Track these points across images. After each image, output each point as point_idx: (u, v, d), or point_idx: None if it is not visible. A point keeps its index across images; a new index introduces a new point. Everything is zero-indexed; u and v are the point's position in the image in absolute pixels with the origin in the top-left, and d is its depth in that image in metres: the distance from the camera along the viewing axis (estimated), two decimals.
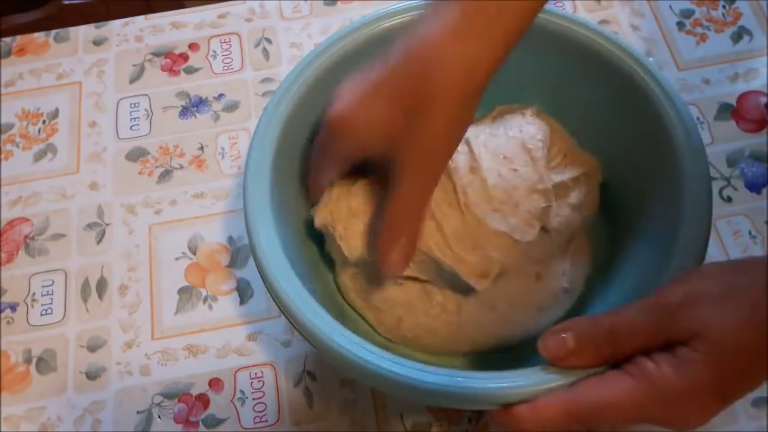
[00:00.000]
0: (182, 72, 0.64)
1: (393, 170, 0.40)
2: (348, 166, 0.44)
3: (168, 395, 0.50)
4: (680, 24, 0.64)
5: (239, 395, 0.50)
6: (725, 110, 0.60)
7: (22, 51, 0.65)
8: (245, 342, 0.52)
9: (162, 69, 0.64)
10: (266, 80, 0.63)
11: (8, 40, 0.66)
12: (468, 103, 0.39)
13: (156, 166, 0.59)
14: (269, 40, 0.65)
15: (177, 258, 0.55)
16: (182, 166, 0.59)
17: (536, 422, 0.35)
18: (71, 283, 0.54)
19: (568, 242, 0.48)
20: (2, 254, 0.56)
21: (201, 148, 0.60)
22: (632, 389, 0.33)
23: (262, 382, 0.50)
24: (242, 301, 0.53)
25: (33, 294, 0.54)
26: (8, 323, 0.53)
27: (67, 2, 0.88)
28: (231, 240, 0.56)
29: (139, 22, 0.66)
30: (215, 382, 0.50)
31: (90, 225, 0.57)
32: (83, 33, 0.66)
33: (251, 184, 0.44)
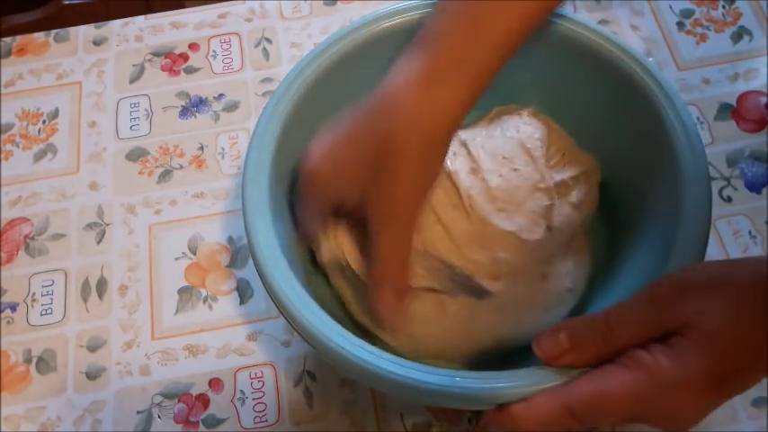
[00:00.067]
0: (182, 72, 0.64)
1: (369, 222, 0.41)
2: (330, 213, 0.44)
3: (168, 395, 0.50)
4: (680, 24, 0.64)
5: (239, 395, 0.50)
6: (725, 110, 0.60)
7: (22, 51, 0.65)
8: (245, 342, 0.52)
9: (162, 69, 0.64)
10: (266, 80, 0.63)
11: (8, 40, 0.66)
12: (435, 151, 0.39)
13: (156, 166, 0.59)
14: (269, 40, 0.65)
15: (177, 258, 0.55)
16: (182, 166, 0.59)
17: (533, 420, 0.35)
18: (71, 283, 0.54)
19: (570, 242, 0.48)
20: (2, 254, 0.56)
21: (201, 148, 0.60)
22: (628, 380, 0.33)
23: (262, 382, 0.50)
24: (242, 301, 0.53)
25: (33, 294, 0.54)
26: (8, 323, 0.53)
27: (67, 2, 0.88)
28: (231, 240, 0.56)
29: (139, 22, 0.66)
30: (215, 382, 0.50)
31: (90, 225, 0.57)
32: (83, 33, 0.66)
33: (250, 184, 0.43)
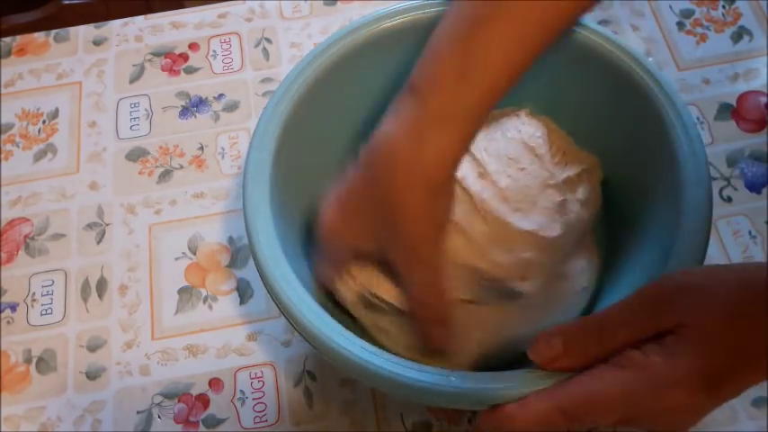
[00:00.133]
0: (182, 72, 0.64)
1: (394, 267, 0.41)
2: (348, 262, 0.44)
3: (168, 395, 0.50)
4: (680, 24, 0.64)
5: (239, 395, 0.50)
6: (725, 110, 0.60)
7: (22, 51, 0.65)
8: (245, 342, 0.52)
9: (162, 69, 0.64)
10: (266, 80, 0.63)
11: (8, 40, 0.66)
12: (439, 193, 0.39)
13: (156, 166, 0.59)
14: (269, 40, 0.65)
15: (177, 258, 0.55)
16: (182, 166, 0.59)
17: (525, 420, 0.35)
18: (71, 283, 0.54)
19: (580, 240, 0.47)
20: (2, 254, 0.56)
21: (201, 148, 0.60)
22: (621, 379, 0.33)
23: (262, 382, 0.50)
24: (242, 301, 0.53)
25: (33, 294, 0.54)
26: (8, 323, 0.53)
27: (67, 2, 0.88)
28: (231, 240, 0.56)
29: (139, 22, 0.66)
30: (215, 382, 0.50)
31: (90, 225, 0.57)
32: (83, 33, 0.66)
33: (251, 184, 0.43)
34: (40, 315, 0.53)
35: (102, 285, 0.54)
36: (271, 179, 0.44)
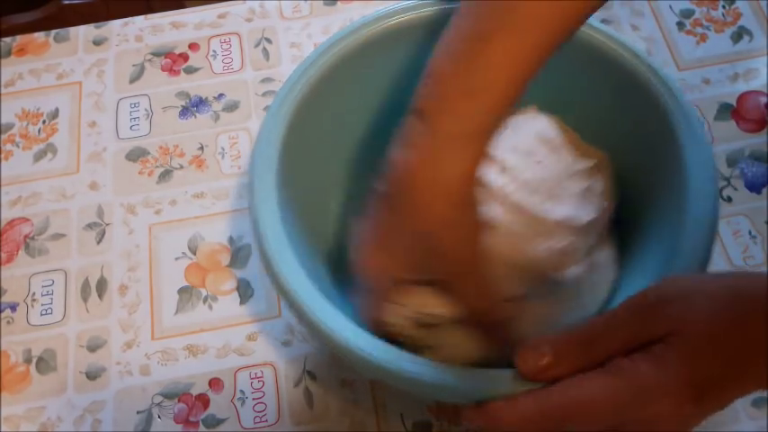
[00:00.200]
0: (182, 72, 0.64)
1: (440, 284, 0.41)
2: (393, 292, 0.43)
3: (168, 395, 0.50)
4: (680, 24, 0.64)
5: (239, 395, 0.50)
6: (725, 110, 0.60)
7: (22, 51, 0.65)
8: (245, 342, 0.52)
9: (162, 69, 0.64)
10: (266, 80, 0.63)
11: (8, 40, 0.66)
12: (464, 205, 0.39)
13: (156, 166, 0.59)
14: (269, 40, 0.65)
15: (177, 258, 0.55)
16: (182, 166, 0.59)
17: (511, 419, 0.35)
18: (71, 283, 0.54)
19: (602, 231, 0.47)
20: (2, 254, 0.56)
21: (201, 148, 0.60)
22: (608, 386, 0.33)
23: (262, 382, 0.50)
24: (242, 301, 0.53)
25: (33, 294, 0.54)
26: (8, 323, 0.53)
27: (67, 2, 0.88)
28: (231, 240, 0.56)
29: (139, 22, 0.66)
30: (215, 382, 0.50)
31: (90, 225, 0.57)
32: (83, 33, 0.66)
33: (257, 180, 0.43)
34: (40, 315, 0.53)
35: (102, 285, 0.54)
36: (277, 176, 0.44)
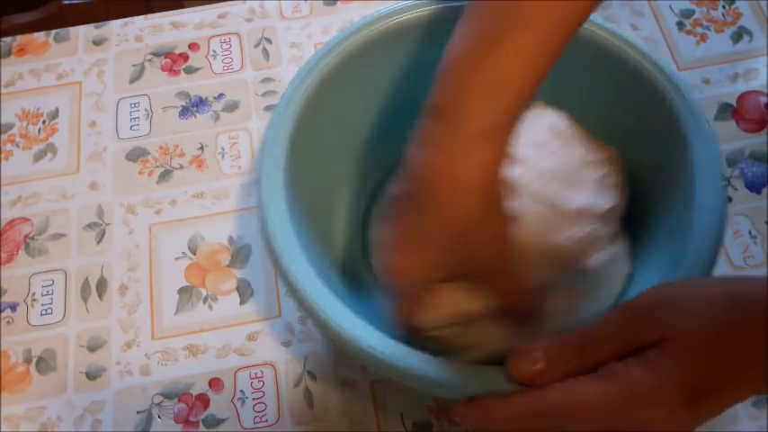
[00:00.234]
0: (182, 72, 0.64)
1: (472, 280, 0.40)
2: (424, 294, 0.43)
3: (168, 395, 0.50)
4: (680, 24, 0.64)
5: (239, 395, 0.50)
6: (725, 110, 0.60)
7: (22, 51, 0.65)
8: (245, 342, 0.52)
9: (162, 69, 0.64)
10: (266, 80, 0.63)
11: (8, 40, 0.66)
12: (491, 200, 0.38)
13: (156, 166, 0.59)
14: (269, 40, 0.65)
15: (177, 258, 0.55)
16: (182, 166, 0.59)
17: (504, 416, 0.35)
18: (71, 283, 0.54)
19: (615, 225, 0.46)
20: (2, 254, 0.56)
21: (201, 148, 0.60)
22: (602, 389, 0.33)
23: (262, 382, 0.50)
24: (242, 301, 0.53)
25: (33, 294, 0.54)
26: (8, 323, 0.53)
27: (67, 2, 0.88)
28: (231, 240, 0.56)
29: (139, 22, 0.66)
30: (215, 382, 0.50)
31: (90, 225, 0.57)
32: (83, 33, 0.66)
33: (265, 179, 0.43)
34: (40, 315, 0.53)
35: (102, 285, 0.54)
36: (285, 174, 0.44)
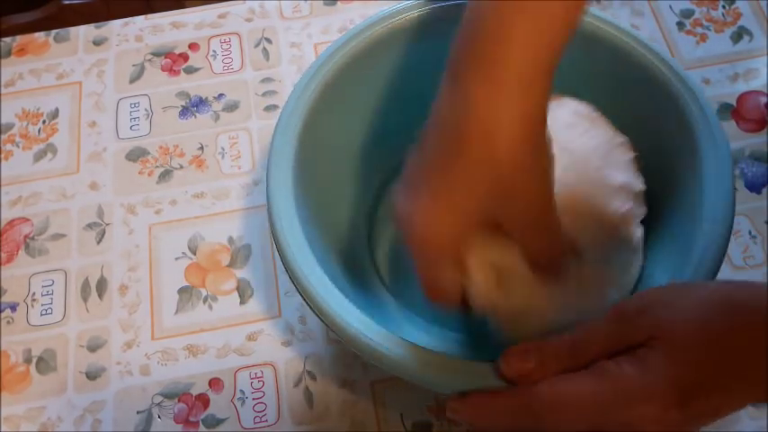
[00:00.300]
0: (182, 72, 0.64)
1: (511, 233, 0.39)
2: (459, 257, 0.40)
3: (168, 395, 0.50)
4: (680, 24, 0.64)
5: (239, 395, 0.50)
6: (725, 110, 0.60)
7: (22, 51, 0.65)
8: (245, 342, 0.52)
9: (162, 69, 0.64)
10: (266, 80, 0.63)
11: (8, 40, 0.66)
12: (539, 146, 0.37)
13: (156, 166, 0.59)
14: (269, 40, 0.65)
15: (177, 258, 0.55)
16: (182, 166, 0.59)
17: (493, 411, 0.35)
18: (71, 283, 0.54)
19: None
20: (2, 254, 0.56)
21: (201, 148, 0.60)
22: (591, 385, 0.33)
23: (262, 382, 0.50)
24: (242, 301, 0.53)
25: (33, 294, 0.54)
26: (8, 323, 0.53)
27: (67, 2, 0.88)
28: (231, 240, 0.56)
29: (139, 22, 0.66)
30: (215, 382, 0.50)
31: (90, 225, 0.57)
32: (83, 33, 0.66)
33: (274, 169, 0.43)
34: (40, 315, 0.53)
35: (102, 285, 0.54)
36: (293, 172, 0.44)
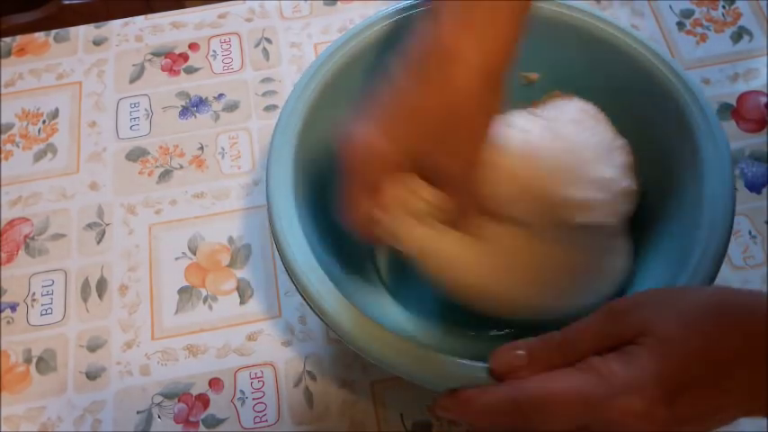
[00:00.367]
0: (182, 72, 0.64)
1: (438, 166, 0.40)
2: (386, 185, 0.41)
3: (168, 395, 0.50)
4: (680, 24, 0.64)
5: (239, 395, 0.50)
6: (725, 110, 0.60)
7: (22, 51, 0.65)
8: (245, 342, 0.52)
9: (162, 69, 0.64)
10: (266, 80, 0.63)
11: (8, 40, 0.66)
12: (496, 84, 0.39)
13: (156, 166, 0.59)
14: (269, 40, 0.65)
15: (177, 258, 0.55)
16: (182, 166, 0.59)
17: (481, 407, 0.35)
18: (71, 283, 0.54)
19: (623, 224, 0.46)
20: (2, 254, 0.56)
21: (201, 148, 0.60)
22: (579, 381, 0.33)
23: (262, 382, 0.50)
24: (242, 301, 0.53)
25: (33, 294, 0.54)
26: (8, 323, 0.53)
27: (67, 2, 0.88)
28: (231, 240, 0.56)
29: (139, 22, 0.66)
30: (215, 382, 0.50)
31: (90, 225, 0.57)
32: (83, 33, 0.66)
33: (274, 170, 0.44)
34: (40, 315, 0.53)
35: (102, 285, 0.54)
36: (294, 170, 0.44)
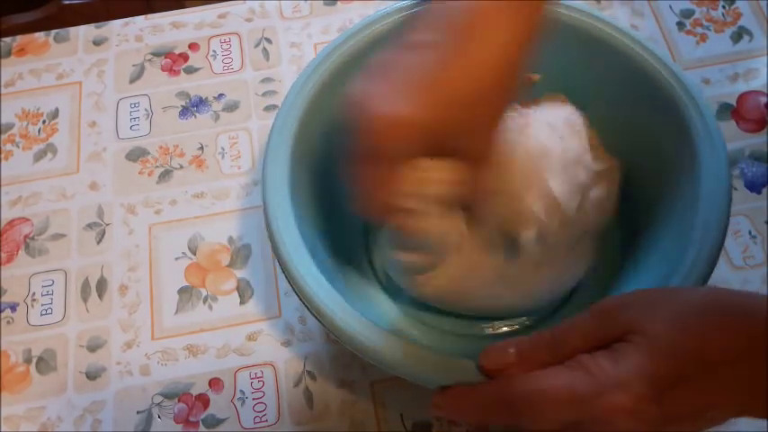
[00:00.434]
0: (182, 72, 0.64)
1: (459, 151, 0.38)
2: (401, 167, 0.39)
3: (168, 395, 0.50)
4: (680, 24, 0.64)
5: (239, 395, 0.50)
6: (725, 110, 0.60)
7: (22, 51, 0.65)
8: (245, 342, 0.52)
9: (162, 69, 0.64)
10: (266, 80, 0.63)
11: (8, 40, 0.66)
12: (514, 69, 0.37)
13: (156, 166, 0.59)
14: (269, 40, 0.65)
15: (177, 258, 0.55)
16: (182, 166, 0.59)
17: (470, 404, 0.36)
18: (71, 283, 0.54)
19: (578, 240, 0.46)
20: (2, 254, 0.56)
21: (201, 148, 0.60)
22: (568, 378, 0.33)
23: (262, 382, 0.50)
24: (242, 301, 0.53)
25: (33, 294, 0.54)
26: (8, 323, 0.53)
27: (67, 2, 0.88)
28: (231, 240, 0.56)
29: (139, 22, 0.66)
30: (215, 382, 0.50)
31: (90, 225, 0.57)
32: (83, 33, 0.66)
33: (271, 170, 0.44)
34: (40, 315, 0.53)
35: (102, 285, 0.54)
36: (291, 165, 0.44)
